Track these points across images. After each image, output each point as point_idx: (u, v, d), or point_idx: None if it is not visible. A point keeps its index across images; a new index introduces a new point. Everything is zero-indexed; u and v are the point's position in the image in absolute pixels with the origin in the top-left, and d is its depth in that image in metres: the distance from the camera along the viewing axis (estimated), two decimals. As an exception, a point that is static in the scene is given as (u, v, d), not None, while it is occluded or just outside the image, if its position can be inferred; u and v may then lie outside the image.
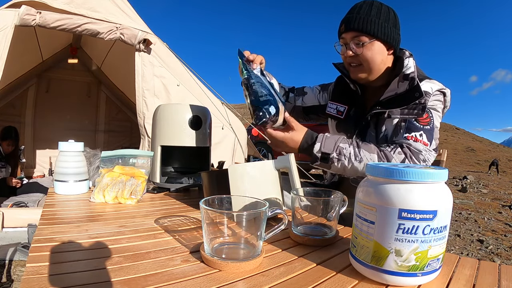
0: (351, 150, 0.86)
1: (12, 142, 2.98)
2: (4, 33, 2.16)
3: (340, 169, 0.89)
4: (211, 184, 0.80)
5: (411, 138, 0.88)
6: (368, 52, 0.94)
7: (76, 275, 0.41)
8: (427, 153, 0.86)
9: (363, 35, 0.93)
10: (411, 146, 0.86)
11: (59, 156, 0.93)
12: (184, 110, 1.03)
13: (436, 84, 0.94)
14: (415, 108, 0.89)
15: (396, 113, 0.92)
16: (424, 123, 0.90)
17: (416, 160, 0.85)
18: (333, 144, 0.87)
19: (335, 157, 0.86)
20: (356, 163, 0.86)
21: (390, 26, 0.93)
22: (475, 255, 2.60)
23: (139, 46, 2.65)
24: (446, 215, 0.42)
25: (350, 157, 0.86)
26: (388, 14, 0.94)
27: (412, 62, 0.95)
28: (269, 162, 0.72)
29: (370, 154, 0.86)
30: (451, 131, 36.09)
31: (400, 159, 0.85)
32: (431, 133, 0.89)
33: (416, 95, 0.88)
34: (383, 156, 0.86)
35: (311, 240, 0.58)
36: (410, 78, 0.91)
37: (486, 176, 9.56)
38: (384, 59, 0.96)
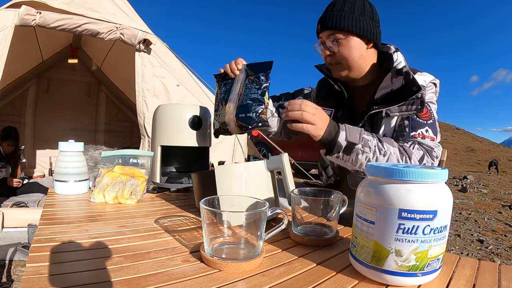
0: (376, 143, 0.81)
1: (12, 142, 2.98)
2: (4, 33, 2.16)
3: (361, 162, 0.82)
4: (200, 185, 0.79)
5: (419, 135, 0.85)
6: (345, 49, 0.92)
7: (76, 275, 0.41)
8: (437, 148, 0.85)
9: (338, 32, 0.91)
10: (423, 144, 0.85)
11: (59, 156, 0.93)
12: (184, 110, 1.03)
13: (427, 76, 0.93)
14: (413, 103, 0.87)
15: (394, 111, 0.89)
16: (426, 118, 0.88)
17: (430, 158, 0.83)
18: (358, 134, 0.81)
19: (360, 148, 0.80)
20: (381, 156, 0.81)
21: (366, 19, 0.90)
22: (475, 255, 2.60)
23: (139, 46, 2.65)
24: (446, 215, 0.42)
25: (375, 150, 0.81)
26: (364, 8, 0.91)
27: (401, 56, 0.93)
28: (260, 162, 0.70)
29: (393, 148, 0.82)
30: (451, 131, 36.09)
31: (419, 155, 0.82)
32: (435, 127, 0.88)
33: (414, 89, 0.85)
34: (404, 151, 0.82)
35: (311, 240, 0.58)
36: (404, 72, 0.89)
37: (486, 176, 9.56)
38: (363, 54, 0.93)
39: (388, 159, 0.80)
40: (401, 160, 0.81)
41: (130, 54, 2.75)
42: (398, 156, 0.81)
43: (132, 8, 2.78)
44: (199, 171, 0.84)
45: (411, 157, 0.81)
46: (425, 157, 0.82)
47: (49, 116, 4.20)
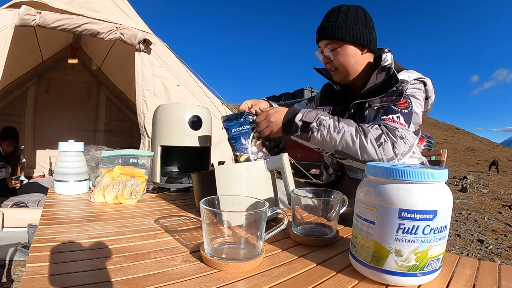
0: (331, 122, 0.89)
1: (12, 142, 2.98)
2: (4, 33, 2.16)
3: (319, 141, 0.90)
4: (200, 185, 0.79)
5: (388, 119, 0.90)
6: (341, 57, 1.00)
7: (76, 275, 0.41)
8: (404, 130, 0.87)
9: (334, 41, 0.99)
10: (388, 124, 0.88)
11: (59, 156, 0.93)
12: (184, 110, 1.03)
13: (414, 73, 0.98)
14: (393, 95, 0.93)
15: (376, 102, 0.95)
16: (402, 107, 0.92)
17: (393, 136, 0.85)
18: (314, 115, 0.90)
19: (315, 127, 0.89)
20: (335, 134, 0.87)
21: (359, 27, 0.98)
22: (475, 255, 2.60)
23: (139, 46, 2.65)
24: (446, 215, 0.42)
25: (329, 128, 0.88)
26: (357, 16, 0.98)
27: (389, 56, 1.00)
28: (260, 162, 0.70)
29: (348, 126, 0.87)
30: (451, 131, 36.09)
31: (376, 134, 0.86)
32: (409, 117, 0.91)
33: (392, 82, 0.92)
34: (361, 130, 0.87)
35: (311, 240, 0.58)
36: (386, 68, 0.95)
37: (486, 176, 9.56)
38: (359, 59, 1.01)
39: (342, 136, 0.87)
40: (355, 137, 0.86)
41: (130, 54, 2.75)
42: (353, 133, 0.86)
43: (132, 8, 2.78)
44: (199, 171, 0.84)
45: (366, 135, 0.85)
46: (382, 136, 0.85)
47: (49, 116, 4.20)
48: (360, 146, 0.85)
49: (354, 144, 0.86)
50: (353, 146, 0.86)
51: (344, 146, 0.87)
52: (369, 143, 0.84)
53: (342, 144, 0.87)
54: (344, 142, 0.87)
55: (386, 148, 0.84)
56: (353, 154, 0.87)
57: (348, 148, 0.87)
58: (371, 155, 0.84)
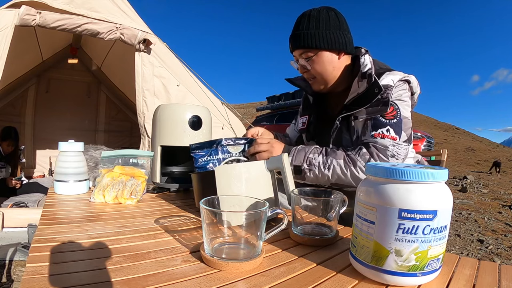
0: (320, 159, 0.89)
1: (12, 143, 2.98)
2: (4, 33, 2.16)
3: (314, 179, 0.92)
4: (200, 185, 0.79)
5: (378, 135, 0.89)
6: (317, 65, 0.96)
7: (76, 275, 0.41)
8: (394, 147, 0.87)
9: (308, 50, 0.95)
10: (377, 144, 0.88)
11: (59, 156, 0.93)
12: (184, 110, 1.03)
13: (397, 74, 0.94)
14: (378, 104, 0.90)
15: (362, 113, 0.93)
16: (390, 117, 0.90)
17: (384, 157, 0.86)
18: (303, 156, 0.91)
19: (306, 167, 0.90)
20: (326, 171, 0.89)
21: (332, 31, 0.93)
22: (475, 255, 2.60)
23: (139, 46, 2.65)
24: (446, 215, 0.42)
25: (319, 166, 0.89)
26: (329, 20, 0.93)
27: (368, 58, 0.95)
28: (260, 162, 0.70)
29: (337, 160, 0.88)
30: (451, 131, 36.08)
31: (365, 159, 0.86)
32: (399, 126, 0.90)
33: (376, 91, 0.89)
34: (349, 161, 0.88)
35: (311, 240, 0.58)
36: (367, 75, 0.91)
37: (486, 176, 9.56)
38: (336, 65, 0.97)
39: (333, 171, 0.88)
40: (345, 170, 0.87)
41: (130, 54, 2.75)
42: (342, 165, 0.88)
43: (132, 8, 2.78)
44: (199, 171, 0.84)
45: (355, 163, 0.87)
46: (371, 160, 0.86)
47: (49, 116, 4.20)
48: (352, 177, 0.87)
49: (346, 177, 0.87)
50: (345, 178, 0.88)
51: (337, 179, 0.89)
52: (359, 172, 0.86)
53: (334, 178, 0.89)
54: (336, 176, 0.88)
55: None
56: (347, 184, 0.89)
57: (341, 180, 0.89)
58: None
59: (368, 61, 0.94)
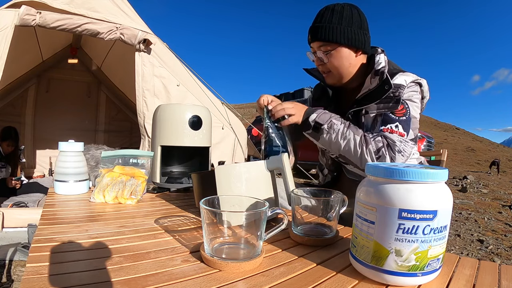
0: (341, 127, 0.91)
1: (12, 143, 2.98)
2: (4, 33, 2.16)
3: (326, 142, 0.93)
4: (200, 185, 0.79)
5: (387, 130, 0.91)
6: (334, 60, 0.97)
7: (76, 275, 0.41)
8: (402, 143, 0.89)
9: (328, 44, 0.96)
10: (388, 137, 0.90)
11: (59, 156, 0.93)
12: (184, 110, 1.03)
13: (410, 76, 0.95)
14: (390, 101, 0.92)
15: (372, 109, 0.95)
16: (400, 114, 0.92)
17: (392, 151, 0.88)
18: (328, 118, 0.92)
19: (325, 129, 0.91)
20: (341, 140, 0.90)
21: (354, 29, 0.94)
22: (475, 255, 2.60)
23: (139, 46, 2.65)
24: (446, 215, 0.42)
25: (338, 133, 0.91)
26: (351, 17, 0.94)
27: (383, 57, 0.97)
28: (260, 162, 0.70)
29: (355, 135, 0.90)
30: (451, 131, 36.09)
31: (377, 146, 0.88)
32: (408, 124, 0.92)
33: (386, 88, 0.91)
34: (364, 140, 0.90)
35: (311, 240, 0.58)
36: (380, 73, 0.93)
37: (486, 176, 9.56)
38: (353, 62, 0.99)
39: (346, 144, 0.90)
40: (357, 147, 0.89)
41: (130, 54, 2.75)
42: (357, 142, 0.89)
43: (132, 8, 2.78)
44: (199, 171, 0.84)
45: (368, 146, 0.89)
46: (382, 149, 0.88)
47: (49, 116, 4.19)
48: (361, 157, 0.89)
49: (356, 153, 0.89)
50: (354, 155, 0.89)
51: (346, 152, 0.91)
52: (368, 155, 0.88)
53: (345, 151, 0.91)
54: (347, 148, 0.90)
55: (383, 161, 0.87)
56: (353, 162, 0.91)
57: (350, 155, 0.90)
58: None
59: (382, 60, 0.96)
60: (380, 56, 0.97)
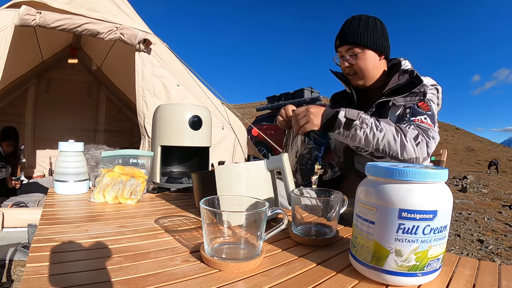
0: (373, 121, 0.92)
1: (12, 143, 2.98)
2: (4, 33, 2.16)
3: (362, 138, 0.91)
4: (200, 185, 0.79)
5: (418, 121, 0.96)
6: (361, 61, 1.06)
7: (76, 275, 0.41)
8: (434, 132, 0.94)
9: (356, 47, 1.05)
10: (421, 125, 0.94)
11: (59, 156, 0.93)
12: (184, 110, 1.03)
13: (430, 80, 1.05)
14: (417, 95, 0.99)
15: (399, 101, 1.01)
16: (426, 109, 0.98)
17: (427, 137, 0.91)
18: (357, 113, 0.93)
19: (358, 124, 0.91)
20: (378, 132, 0.90)
21: (378, 35, 1.05)
22: (475, 255, 2.60)
23: (139, 46, 2.65)
24: (446, 215, 0.42)
25: (372, 126, 0.91)
26: (375, 25, 1.05)
27: (408, 63, 1.09)
28: (260, 162, 0.70)
29: (389, 126, 0.91)
30: (451, 131, 36.07)
31: (414, 134, 0.90)
32: (433, 118, 0.98)
33: (416, 82, 0.99)
34: (399, 130, 0.91)
35: (311, 240, 0.58)
36: (409, 71, 1.02)
37: (486, 176, 9.56)
38: (377, 65, 1.08)
39: (384, 135, 0.89)
40: (396, 136, 0.89)
41: (130, 54, 2.74)
42: (394, 132, 0.89)
43: (132, 8, 2.77)
44: (199, 171, 0.84)
45: (406, 134, 0.90)
46: (419, 136, 0.90)
47: (49, 116, 4.19)
48: (401, 145, 0.89)
49: (396, 143, 0.89)
50: (394, 144, 0.89)
51: (385, 145, 0.90)
52: (408, 142, 0.89)
53: (384, 143, 0.90)
54: (386, 140, 0.90)
55: (422, 147, 0.89)
56: (393, 152, 0.90)
57: (390, 147, 0.90)
58: (410, 154, 0.88)
59: (408, 64, 1.08)
60: (405, 62, 1.08)
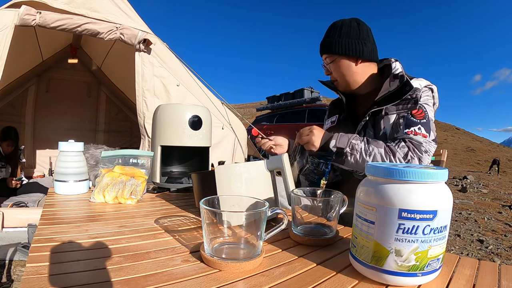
0: (362, 146, 0.94)
1: (12, 143, 2.98)
2: (4, 33, 2.16)
3: (353, 164, 0.95)
4: (200, 185, 0.79)
5: (411, 132, 0.95)
6: (337, 69, 1.08)
7: (76, 275, 0.41)
8: (427, 144, 0.93)
9: (329, 56, 1.07)
10: (413, 140, 0.93)
11: (59, 156, 0.93)
12: (184, 110, 1.03)
13: (423, 81, 1.02)
14: (408, 102, 0.98)
15: (392, 110, 1.00)
16: (420, 117, 0.97)
17: (418, 152, 0.91)
18: (346, 140, 0.96)
19: (348, 151, 0.94)
20: (367, 157, 0.93)
21: (352, 40, 1.03)
22: (475, 255, 2.60)
23: (139, 46, 2.65)
24: (446, 215, 0.42)
25: (361, 152, 0.93)
26: (350, 30, 1.04)
27: (399, 65, 1.06)
28: (260, 162, 0.70)
29: (378, 148, 0.93)
30: (451, 131, 36.04)
31: (404, 152, 0.91)
32: (428, 125, 0.96)
33: (407, 89, 0.97)
34: (389, 150, 0.92)
35: (311, 240, 0.58)
36: (399, 76, 1.00)
37: (486, 176, 9.55)
38: (356, 70, 1.06)
39: (373, 158, 0.92)
40: (385, 158, 0.92)
41: (130, 54, 2.75)
42: (383, 154, 0.92)
43: (132, 8, 2.78)
44: (199, 171, 0.84)
45: (395, 154, 0.91)
46: (409, 153, 0.91)
47: (49, 116, 4.20)
48: None
49: None
50: None
51: None
52: (398, 162, 0.90)
53: None
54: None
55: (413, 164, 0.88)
56: None
57: None
58: None
59: (399, 67, 1.05)
60: (396, 64, 1.05)
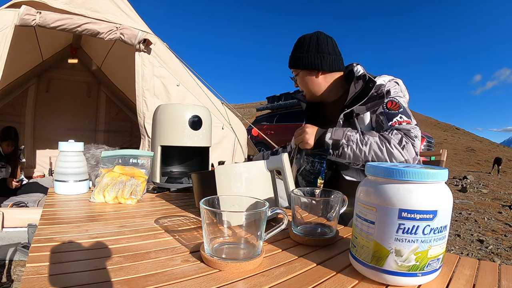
0: (357, 136, 0.96)
1: (12, 143, 2.98)
2: (4, 33, 2.16)
3: (350, 155, 0.97)
4: (200, 185, 0.79)
5: (396, 123, 0.98)
6: (300, 82, 1.16)
7: (76, 275, 0.41)
8: (414, 130, 0.96)
9: (294, 70, 1.16)
10: (401, 128, 0.96)
11: (59, 156, 0.93)
12: (184, 110, 1.03)
13: (386, 77, 1.07)
14: (375, 99, 1.02)
15: (361, 110, 1.03)
16: (396, 108, 1.01)
17: (410, 138, 0.93)
18: (342, 132, 0.98)
19: (344, 143, 0.96)
20: (363, 146, 0.94)
21: (310, 55, 1.09)
22: (475, 255, 2.60)
23: (139, 46, 2.65)
24: (446, 215, 0.42)
25: (357, 142, 0.95)
26: (309, 45, 1.09)
27: (360, 67, 1.11)
28: (260, 162, 0.71)
29: (373, 137, 0.95)
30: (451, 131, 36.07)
31: (398, 138, 0.93)
32: (407, 113, 1.00)
33: (370, 86, 1.01)
34: (383, 138, 0.94)
35: (311, 240, 0.58)
36: (362, 76, 1.05)
37: (486, 176, 9.56)
38: (316, 81, 1.12)
39: (370, 147, 0.94)
40: (381, 146, 0.93)
41: (130, 54, 2.75)
42: (378, 142, 0.94)
43: (132, 8, 2.77)
44: (199, 171, 0.84)
45: (390, 141, 0.93)
46: (403, 139, 0.93)
47: (49, 116, 4.19)
48: (388, 152, 0.93)
49: (382, 152, 0.93)
50: (381, 154, 0.93)
51: (373, 156, 0.94)
52: (394, 148, 0.92)
53: (371, 154, 0.94)
54: (373, 152, 0.94)
55: (409, 149, 0.91)
56: (382, 161, 0.94)
57: (378, 157, 0.94)
58: (398, 158, 0.92)
59: (361, 69, 1.09)
60: (358, 67, 1.10)
